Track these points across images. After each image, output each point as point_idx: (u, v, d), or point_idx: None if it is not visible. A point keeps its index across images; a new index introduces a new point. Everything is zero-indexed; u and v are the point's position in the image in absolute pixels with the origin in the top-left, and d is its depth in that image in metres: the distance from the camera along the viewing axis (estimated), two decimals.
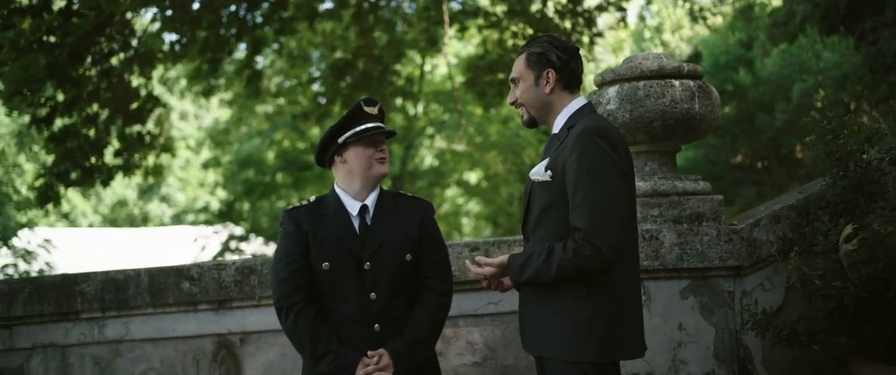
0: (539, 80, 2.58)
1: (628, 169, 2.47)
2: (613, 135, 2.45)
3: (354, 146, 2.68)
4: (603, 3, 13.97)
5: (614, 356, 2.44)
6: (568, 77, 2.58)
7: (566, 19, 13.63)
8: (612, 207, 2.35)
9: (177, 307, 3.51)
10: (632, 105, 3.39)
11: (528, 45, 2.66)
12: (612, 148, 2.39)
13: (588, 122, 2.46)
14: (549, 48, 2.58)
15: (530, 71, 2.60)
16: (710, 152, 19.15)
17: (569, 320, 2.43)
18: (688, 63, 3.56)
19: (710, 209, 3.45)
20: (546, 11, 13.56)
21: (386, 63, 14.58)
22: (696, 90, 3.44)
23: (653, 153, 3.58)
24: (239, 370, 3.54)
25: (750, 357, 3.40)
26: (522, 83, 2.62)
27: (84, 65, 9.19)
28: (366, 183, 2.72)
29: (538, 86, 2.58)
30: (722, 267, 3.38)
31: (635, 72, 3.45)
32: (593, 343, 2.38)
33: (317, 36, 16.26)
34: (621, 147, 2.45)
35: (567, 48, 2.61)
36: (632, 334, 2.48)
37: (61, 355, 3.55)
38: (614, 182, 2.37)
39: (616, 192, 2.37)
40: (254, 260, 3.52)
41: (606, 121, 2.58)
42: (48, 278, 3.54)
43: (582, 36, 13.76)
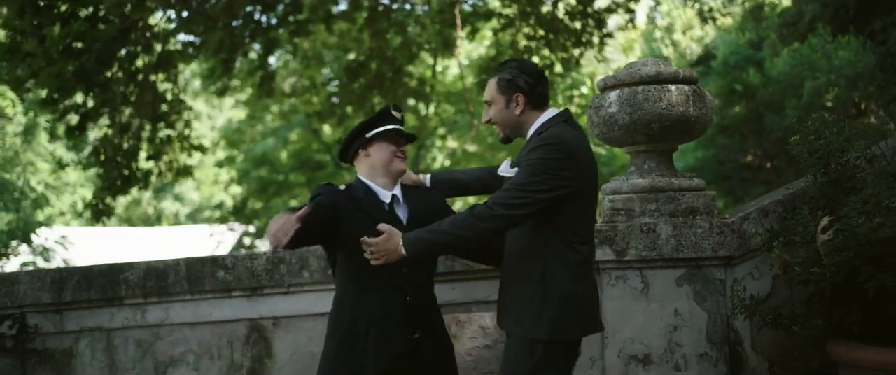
0: (509, 103, 2.91)
1: (578, 175, 2.74)
2: (568, 145, 2.74)
3: (379, 142, 3.00)
4: (612, 5, 14.17)
5: (564, 335, 2.73)
6: (535, 99, 2.92)
7: (576, 20, 13.84)
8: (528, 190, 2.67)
9: (212, 293, 3.82)
10: (631, 108, 3.68)
11: (499, 70, 2.99)
12: (562, 156, 2.71)
13: (553, 132, 2.80)
14: (517, 74, 2.92)
15: (501, 95, 2.93)
16: (719, 152, 19.32)
17: (526, 300, 2.74)
18: (684, 68, 3.84)
19: (703, 204, 3.73)
20: (556, 13, 13.78)
21: (399, 64, 14.83)
22: (691, 94, 3.72)
23: (651, 152, 3.86)
24: (270, 351, 3.85)
25: (740, 340, 3.68)
26: (495, 106, 2.95)
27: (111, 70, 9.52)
28: (387, 177, 3.03)
29: (509, 108, 2.91)
30: (714, 258, 3.67)
31: (635, 77, 3.74)
32: (545, 322, 2.69)
33: (331, 37, 16.55)
34: (575, 156, 2.75)
35: (534, 72, 2.95)
36: (583, 314, 2.78)
37: (107, 338, 3.86)
38: (546, 180, 2.67)
39: (542, 184, 2.67)
40: (283, 251, 3.83)
41: (570, 131, 2.86)
42: (96, 267, 3.85)
43: (592, 37, 13.97)
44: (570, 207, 2.77)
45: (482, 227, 2.67)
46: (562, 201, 2.73)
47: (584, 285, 2.81)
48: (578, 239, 2.80)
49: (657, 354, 3.67)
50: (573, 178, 2.73)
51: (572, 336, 2.79)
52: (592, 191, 2.88)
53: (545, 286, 2.74)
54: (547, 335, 2.71)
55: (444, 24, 14.66)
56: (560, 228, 2.76)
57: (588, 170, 2.83)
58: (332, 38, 16.68)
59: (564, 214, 2.76)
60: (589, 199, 2.85)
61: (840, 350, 3.09)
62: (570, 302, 2.74)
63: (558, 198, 2.71)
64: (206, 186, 38.76)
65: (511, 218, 2.68)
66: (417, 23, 14.93)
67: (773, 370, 3.67)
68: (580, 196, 2.79)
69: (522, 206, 2.67)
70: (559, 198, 2.71)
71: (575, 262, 2.78)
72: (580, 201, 2.80)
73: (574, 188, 2.74)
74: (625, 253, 3.68)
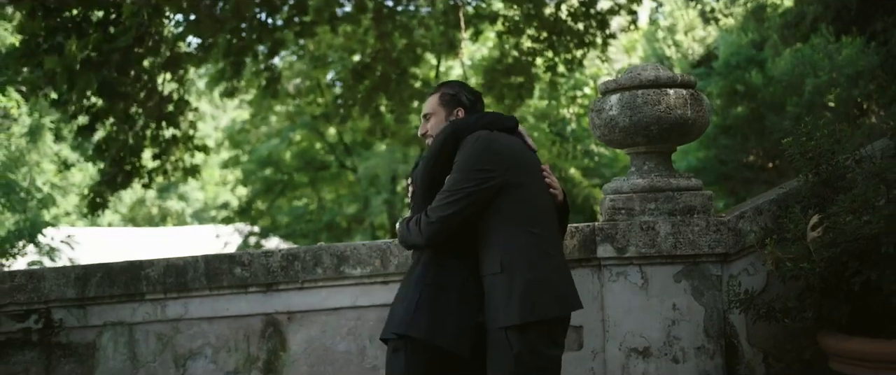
0: (450, 117, 3.12)
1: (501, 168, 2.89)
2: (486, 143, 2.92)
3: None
4: (615, 7, 14.31)
5: (534, 317, 2.82)
6: (473, 111, 3.15)
7: (579, 22, 13.99)
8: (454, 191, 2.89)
9: (230, 289, 3.98)
10: (631, 111, 3.84)
11: (442, 86, 3.22)
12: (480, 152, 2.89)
13: (474, 135, 2.97)
14: (460, 90, 3.17)
15: (443, 108, 3.14)
16: (721, 152, 19.41)
17: (494, 293, 2.87)
18: (682, 73, 4.00)
19: (700, 203, 3.89)
20: (560, 14, 13.93)
21: (404, 66, 14.98)
22: (689, 98, 3.88)
23: (650, 154, 4.02)
24: (284, 345, 4.01)
25: (735, 334, 3.84)
26: (434, 118, 3.16)
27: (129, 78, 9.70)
28: None
29: (448, 120, 3.11)
30: (711, 254, 3.82)
31: (634, 81, 3.90)
32: (514, 309, 2.80)
33: (336, 39, 16.71)
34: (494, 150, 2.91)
35: (474, 92, 3.20)
36: (549, 295, 2.88)
37: (128, 331, 4.03)
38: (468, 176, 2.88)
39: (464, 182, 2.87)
40: (298, 248, 4.00)
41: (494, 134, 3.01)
42: (118, 264, 4.02)
43: (595, 38, 14.12)
44: (514, 198, 2.90)
45: (417, 240, 2.95)
46: (497, 193, 2.88)
47: (544, 267, 2.90)
48: (530, 225, 2.91)
49: (656, 347, 3.83)
50: (495, 171, 2.87)
51: (543, 316, 2.85)
52: (535, 183, 3.01)
53: (507, 275, 2.85)
54: (518, 319, 2.80)
55: (449, 25, 14.81)
56: (508, 219, 2.89)
57: (518, 161, 2.97)
58: (338, 40, 16.85)
59: (510, 204, 2.90)
60: (534, 190, 2.99)
61: (830, 341, 3.25)
62: (532, 285, 2.83)
63: (488, 191, 2.86)
64: (211, 186, 38.98)
65: (434, 226, 2.87)
66: (422, 25, 15.07)
67: (767, 361, 3.83)
68: (520, 188, 2.92)
69: (451, 204, 2.85)
70: (489, 191, 2.87)
71: (531, 245, 2.89)
72: (523, 191, 2.93)
73: (501, 179, 2.88)
74: (625, 250, 3.84)
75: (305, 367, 3.99)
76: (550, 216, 3.07)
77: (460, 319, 2.92)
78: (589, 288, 3.87)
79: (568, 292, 3.01)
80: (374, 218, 21.04)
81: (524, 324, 2.83)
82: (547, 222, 3.02)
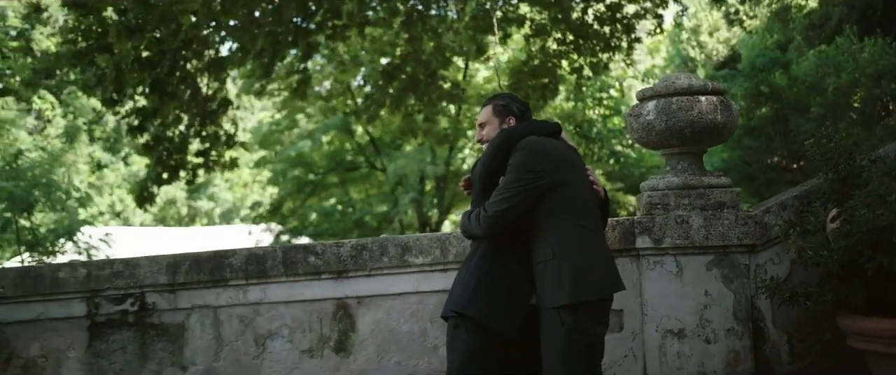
0: (502, 125, 3.52)
1: (551, 169, 3.28)
2: (536, 146, 3.31)
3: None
4: (641, 11, 14.62)
5: (582, 297, 3.21)
6: (521, 117, 3.54)
7: (606, 26, 14.32)
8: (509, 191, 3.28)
9: (305, 276, 4.44)
10: (667, 116, 4.26)
11: (494, 98, 3.64)
12: (533, 155, 3.29)
13: (525, 140, 3.36)
14: (510, 101, 3.58)
15: (496, 117, 3.55)
16: (746, 153, 19.66)
17: (547, 277, 3.27)
18: (711, 81, 4.41)
19: (729, 199, 4.30)
20: (586, 19, 14.26)
21: (433, 68, 15.38)
22: (719, 104, 4.29)
23: (684, 154, 4.43)
24: (354, 326, 4.46)
25: (762, 317, 4.25)
26: (489, 126, 3.56)
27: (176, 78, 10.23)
28: None
29: (504, 126, 3.51)
30: (739, 245, 4.24)
31: (669, 89, 4.31)
32: (564, 290, 3.21)
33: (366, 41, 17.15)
34: (545, 153, 3.31)
35: (522, 102, 3.63)
36: (595, 278, 3.28)
37: (214, 314, 4.49)
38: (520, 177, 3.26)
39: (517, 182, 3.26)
40: (366, 239, 4.45)
41: (542, 138, 3.41)
42: (204, 253, 4.49)
43: (621, 42, 14.44)
44: (561, 195, 3.30)
45: (476, 231, 3.35)
46: (547, 191, 3.28)
47: (590, 253, 3.31)
48: (576, 218, 3.31)
49: (690, 329, 4.24)
50: (545, 172, 3.28)
51: (590, 297, 3.25)
52: (581, 178, 3.42)
53: (558, 262, 3.25)
54: (568, 299, 3.21)
55: (477, 29, 15.17)
56: (557, 213, 3.29)
57: (565, 161, 3.38)
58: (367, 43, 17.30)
59: (558, 201, 3.29)
60: (579, 188, 3.39)
61: (847, 322, 3.65)
62: (580, 270, 3.24)
63: (539, 189, 3.27)
64: (238, 187, 39.64)
65: (491, 219, 3.28)
66: (451, 28, 15.46)
67: (790, 342, 4.24)
68: (566, 186, 3.32)
69: (506, 201, 3.26)
70: (540, 189, 3.27)
71: (578, 236, 3.30)
72: (570, 189, 3.33)
73: (550, 179, 3.29)
74: (661, 241, 4.26)
75: (372, 346, 4.44)
76: (594, 210, 3.49)
77: (511, 305, 3.35)
78: (628, 276, 4.28)
79: (612, 276, 3.44)
80: (403, 216, 21.48)
81: (574, 304, 3.25)
82: (591, 215, 3.45)
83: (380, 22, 14.78)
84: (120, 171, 36.34)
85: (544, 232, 3.32)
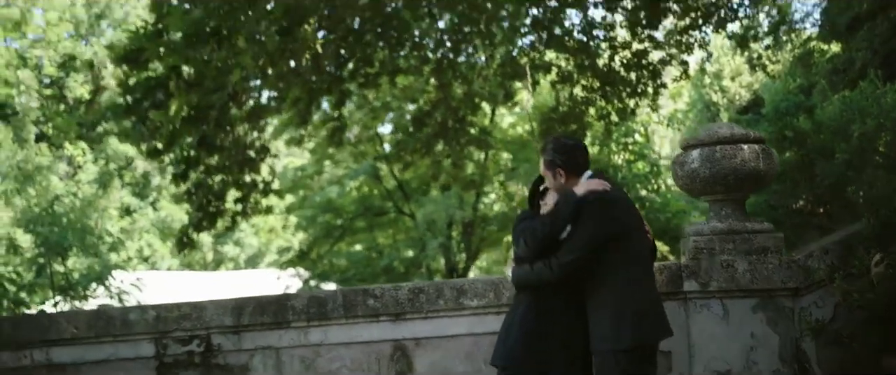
0: (555, 176, 3.74)
1: (618, 219, 3.52)
2: (604, 198, 3.52)
3: (550, 193, 3.80)
4: (667, 57, 14.85)
5: (639, 342, 3.45)
6: (572, 167, 3.73)
7: (632, 72, 14.55)
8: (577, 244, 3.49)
9: (364, 318, 4.63)
10: (711, 164, 4.45)
11: (542, 150, 3.86)
12: (600, 208, 3.49)
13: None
14: (553, 154, 3.76)
15: (548, 171, 3.77)
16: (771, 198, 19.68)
17: (605, 320, 3.48)
18: (751, 130, 4.61)
19: (773, 244, 4.47)
20: (613, 65, 14.51)
21: (462, 114, 15.65)
22: (760, 152, 4.48)
23: (727, 201, 4.61)
24: (411, 367, 4.64)
25: (807, 359, 4.39)
26: (547, 179, 3.79)
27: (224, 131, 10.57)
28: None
29: (556, 180, 3.74)
30: (784, 289, 4.39)
31: (712, 138, 4.52)
32: (624, 334, 3.42)
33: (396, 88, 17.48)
34: (614, 204, 3.53)
35: (567, 146, 3.79)
36: (651, 323, 3.51)
37: (276, 355, 4.69)
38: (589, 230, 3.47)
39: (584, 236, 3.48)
40: (423, 283, 4.64)
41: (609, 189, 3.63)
42: (267, 296, 4.70)
43: (647, 87, 14.65)
44: (622, 245, 3.52)
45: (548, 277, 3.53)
46: (613, 240, 3.48)
47: (645, 298, 3.54)
48: (633, 265, 3.54)
49: (737, 370, 4.39)
50: (614, 221, 3.49)
51: (645, 340, 3.50)
52: (639, 227, 3.64)
53: (616, 307, 3.47)
54: (627, 343, 3.43)
55: (506, 76, 15.46)
56: (617, 262, 3.51)
57: (627, 213, 3.58)
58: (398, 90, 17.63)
59: (619, 251, 3.51)
60: (637, 237, 3.60)
61: (893, 361, 3.79)
62: (637, 314, 3.47)
63: (606, 239, 3.47)
64: (264, 232, 39.98)
65: (565, 266, 3.47)
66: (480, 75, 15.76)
67: None
68: (627, 237, 3.55)
69: (579, 250, 3.46)
70: (607, 239, 3.47)
71: (635, 282, 3.53)
72: (629, 239, 3.56)
73: (618, 229, 3.49)
74: (708, 284, 4.42)
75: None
76: (648, 256, 3.70)
77: (561, 356, 3.55)
78: (676, 319, 4.43)
79: (664, 321, 3.66)
80: (431, 262, 21.65)
81: (631, 347, 3.45)
82: (646, 262, 3.66)
83: (411, 69, 15.10)
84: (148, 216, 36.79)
85: (604, 278, 3.53)
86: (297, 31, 9.57)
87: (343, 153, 21.88)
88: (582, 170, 3.75)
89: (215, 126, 10.08)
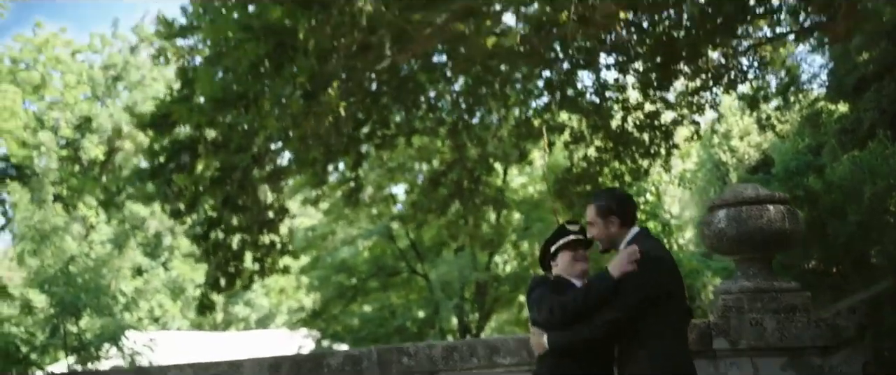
0: (607, 224, 3.80)
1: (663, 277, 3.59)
2: (652, 256, 3.60)
3: (562, 252, 3.90)
4: (678, 118, 15.01)
5: None
6: (624, 217, 3.82)
7: (644, 132, 14.70)
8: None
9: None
10: (737, 224, 4.57)
11: (596, 198, 3.94)
12: (648, 266, 3.57)
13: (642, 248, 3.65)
14: (609, 201, 3.85)
15: (599, 218, 3.84)
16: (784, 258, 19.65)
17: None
18: (776, 192, 4.74)
19: (801, 302, 4.56)
20: (626, 126, 14.67)
21: (477, 174, 15.79)
22: (786, 212, 4.61)
23: (754, 260, 4.72)
24: None
25: None
26: (595, 227, 3.86)
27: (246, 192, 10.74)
28: (575, 276, 3.91)
29: (607, 228, 3.81)
30: (813, 347, 4.47)
31: (738, 199, 4.64)
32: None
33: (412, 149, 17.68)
34: (660, 263, 3.60)
35: (622, 197, 3.89)
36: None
37: None
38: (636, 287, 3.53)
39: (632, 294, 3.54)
40: (456, 341, 4.73)
41: (652, 243, 3.73)
42: (303, 355, 4.79)
43: (660, 148, 14.78)
44: (665, 304, 3.61)
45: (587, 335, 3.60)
46: (654, 303, 3.56)
47: (684, 357, 3.62)
48: (673, 324, 3.62)
49: None
50: (659, 281, 3.58)
51: None
52: (679, 285, 3.71)
53: (657, 364, 3.54)
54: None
55: (520, 136, 15.63)
56: (658, 320, 3.58)
57: (671, 275, 3.67)
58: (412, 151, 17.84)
59: (661, 309, 3.59)
60: (678, 295, 3.68)
61: None
62: (675, 367, 3.54)
63: (650, 298, 3.55)
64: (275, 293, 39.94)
65: (606, 324, 3.56)
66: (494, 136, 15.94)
67: None
68: (670, 296, 3.63)
69: (627, 309, 3.54)
70: (652, 298, 3.55)
71: (674, 339, 3.60)
72: (672, 298, 3.64)
73: (663, 289, 3.58)
74: (737, 342, 4.50)
75: None
76: (685, 319, 3.78)
77: None
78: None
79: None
80: (444, 322, 21.61)
81: None
82: (683, 320, 3.74)
83: (426, 131, 15.29)
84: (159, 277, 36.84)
85: (645, 336, 3.60)
86: (321, 94, 9.79)
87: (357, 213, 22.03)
88: (632, 223, 3.83)
89: (238, 187, 10.24)
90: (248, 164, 10.16)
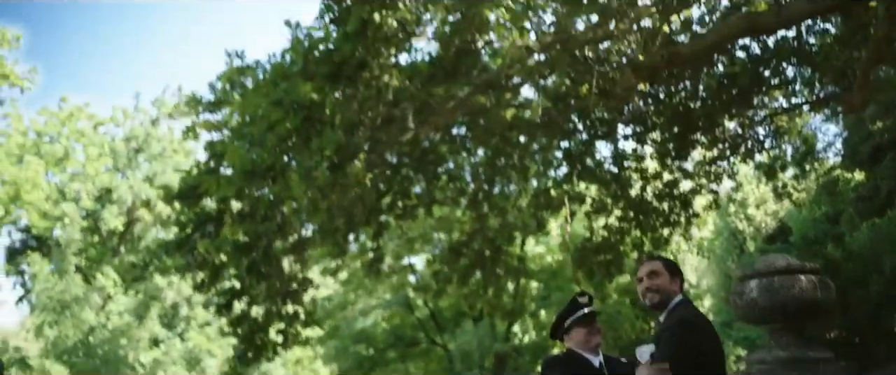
0: (674, 279, 3.88)
1: (702, 342, 3.63)
2: (694, 323, 3.67)
3: (575, 327, 3.98)
4: (697, 187, 15.11)
5: None
6: (681, 283, 3.93)
7: (664, 201, 14.78)
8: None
9: None
10: (769, 294, 4.66)
11: (658, 258, 3.99)
12: (691, 331, 3.63)
13: (681, 313, 3.73)
14: (675, 263, 3.96)
15: (668, 272, 3.90)
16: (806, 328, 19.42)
17: None
18: (807, 262, 4.84)
19: (835, 371, 4.61)
20: (645, 195, 14.78)
21: (498, 244, 15.86)
22: (817, 282, 4.69)
23: (787, 330, 4.79)
24: None
25: None
26: (661, 277, 3.87)
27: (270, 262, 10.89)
28: (588, 350, 3.99)
29: (672, 283, 3.87)
30: None
31: (770, 269, 4.74)
32: None
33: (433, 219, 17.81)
34: (700, 329, 3.67)
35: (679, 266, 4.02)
36: None
37: None
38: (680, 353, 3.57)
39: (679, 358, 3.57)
40: None
41: (694, 312, 3.80)
42: None
43: (679, 217, 14.85)
44: (702, 363, 3.64)
45: None
46: (692, 367, 3.60)
47: None
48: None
49: None
50: (699, 346, 3.64)
51: None
52: (719, 349, 3.77)
53: None
54: None
55: (539, 206, 15.75)
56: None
57: (711, 337, 3.75)
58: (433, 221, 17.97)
59: (699, 368, 3.62)
60: (717, 357, 3.74)
61: None
62: None
63: (692, 364, 3.59)
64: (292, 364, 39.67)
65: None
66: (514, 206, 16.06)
67: None
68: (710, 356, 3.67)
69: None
70: (693, 364, 3.59)
71: None
72: (711, 359, 3.69)
73: (704, 354, 3.65)
74: None
75: None
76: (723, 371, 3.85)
77: None
78: None
79: None
80: None
81: None
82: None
83: (447, 201, 15.43)
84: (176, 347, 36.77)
85: None
86: (347, 166, 10.00)
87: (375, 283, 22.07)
88: (680, 290, 3.91)
89: (263, 256, 10.39)
90: (272, 233, 10.31)
